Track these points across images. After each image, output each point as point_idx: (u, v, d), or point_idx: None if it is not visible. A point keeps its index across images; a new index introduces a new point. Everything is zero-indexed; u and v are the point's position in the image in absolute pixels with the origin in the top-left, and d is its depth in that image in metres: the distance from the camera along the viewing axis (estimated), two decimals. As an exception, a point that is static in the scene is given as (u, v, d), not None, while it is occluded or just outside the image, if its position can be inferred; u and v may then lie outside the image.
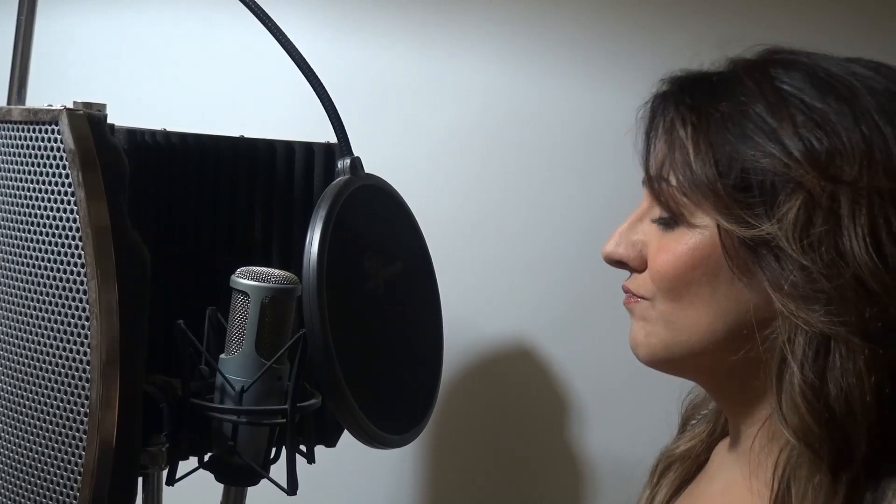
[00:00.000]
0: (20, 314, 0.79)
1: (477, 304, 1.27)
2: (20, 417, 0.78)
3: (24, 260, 0.78)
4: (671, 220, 0.66)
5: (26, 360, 0.78)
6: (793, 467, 0.62)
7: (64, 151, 0.75)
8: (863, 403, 0.58)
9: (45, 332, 0.77)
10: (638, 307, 0.70)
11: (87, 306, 0.74)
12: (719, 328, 0.64)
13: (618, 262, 0.71)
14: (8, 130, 0.79)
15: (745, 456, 0.69)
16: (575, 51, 1.24)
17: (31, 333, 0.78)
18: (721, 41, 0.70)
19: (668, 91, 0.69)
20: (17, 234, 0.79)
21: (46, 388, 0.77)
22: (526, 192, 1.26)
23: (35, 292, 0.77)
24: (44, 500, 0.76)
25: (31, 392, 0.78)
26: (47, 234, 0.76)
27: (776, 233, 0.60)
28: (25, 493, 0.77)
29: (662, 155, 0.67)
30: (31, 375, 0.78)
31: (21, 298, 0.78)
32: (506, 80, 1.26)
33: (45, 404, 0.77)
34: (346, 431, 0.89)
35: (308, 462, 0.93)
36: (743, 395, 0.67)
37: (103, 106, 0.78)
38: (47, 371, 0.76)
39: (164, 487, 0.88)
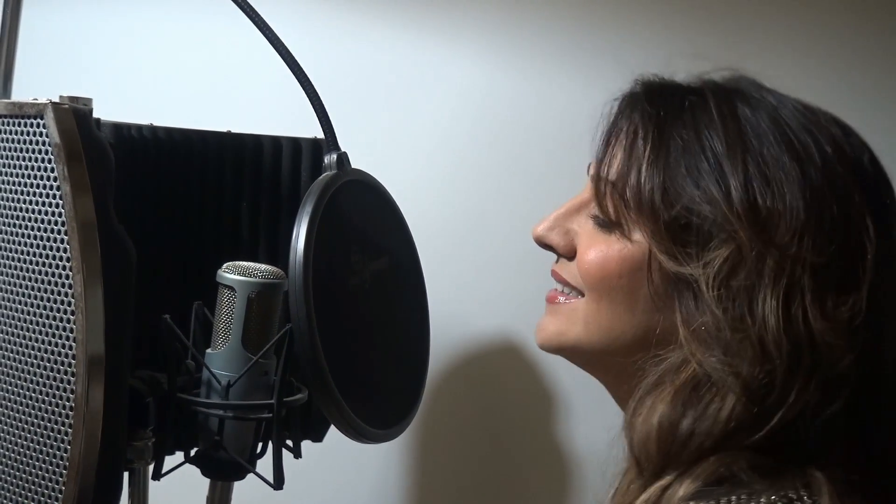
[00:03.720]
0: (5, 308, 0.78)
1: (464, 299, 1.27)
2: (5, 412, 0.78)
3: (10, 254, 0.78)
4: (609, 224, 0.68)
5: (11, 355, 0.78)
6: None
7: (49, 145, 0.75)
8: (702, 444, 0.60)
9: (30, 326, 0.76)
10: (563, 307, 0.71)
11: (72, 300, 0.74)
12: (629, 337, 0.67)
13: (546, 246, 0.73)
14: (-7, 124, 0.79)
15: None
16: (569, 48, 1.24)
17: (16, 328, 0.78)
18: (697, 53, 0.70)
19: (639, 96, 0.70)
20: (2, 228, 0.78)
21: (32, 382, 0.76)
22: (513, 188, 1.26)
23: (20, 287, 0.77)
24: (29, 494, 0.76)
25: (16, 386, 0.78)
26: (33, 229, 0.76)
27: (699, 276, 0.61)
28: (11, 488, 0.77)
29: (619, 161, 0.68)
30: (17, 370, 0.77)
31: (6, 293, 0.78)
32: (498, 76, 1.26)
33: (31, 399, 0.76)
34: (332, 426, 0.90)
35: (294, 457, 0.93)
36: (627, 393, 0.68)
37: (89, 100, 0.78)
38: (33, 366, 0.76)
39: (150, 482, 0.88)
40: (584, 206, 0.71)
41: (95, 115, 0.79)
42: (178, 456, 0.88)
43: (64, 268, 0.74)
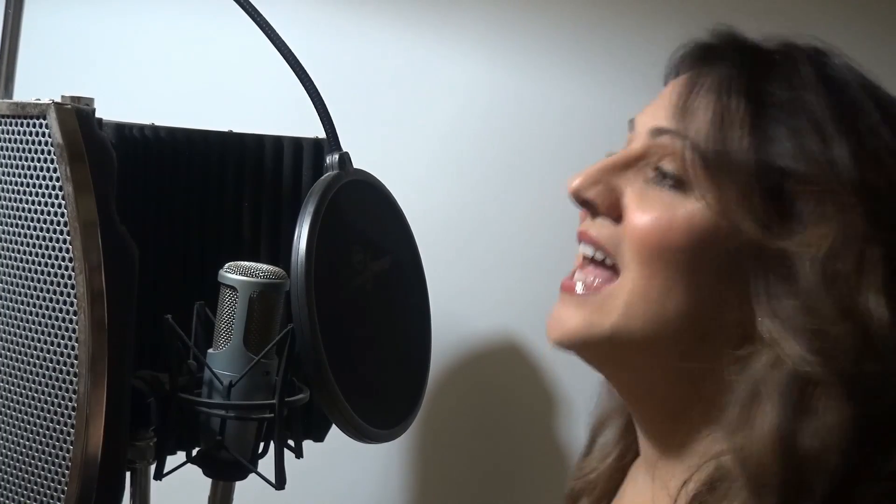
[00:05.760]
0: (7, 309, 0.78)
1: (466, 299, 1.27)
2: (7, 411, 0.78)
3: (12, 254, 0.78)
4: (675, 184, 0.58)
5: (14, 355, 0.78)
6: None
7: (52, 146, 0.75)
8: (836, 458, 0.50)
9: (32, 326, 0.77)
10: (592, 298, 0.60)
11: (74, 301, 0.74)
12: (684, 322, 0.56)
13: (584, 202, 0.62)
14: (-5, 124, 0.79)
15: (663, 493, 0.60)
16: (572, 46, 1.24)
17: (18, 328, 0.78)
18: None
19: (719, 49, 0.61)
20: (5, 228, 0.78)
21: (34, 382, 0.76)
22: (516, 189, 1.26)
23: (22, 287, 0.77)
24: (32, 494, 0.76)
25: (18, 386, 0.78)
26: (35, 229, 0.76)
27: (798, 252, 0.53)
28: (13, 488, 0.77)
29: (700, 116, 0.58)
30: (19, 370, 0.77)
31: (8, 293, 0.78)
32: (499, 75, 1.26)
33: (33, 399, 0.76)
34: (334, 426, 0.90)
35: (296, 456, 0.93)
36: (675, 423, 0.59)
37: (91, 100, 0.78)
38: (35, 366, 0.76)
39: (152, 482, 0.88)
40: (635, 163, 0.61)
41: (97, 115, 0.79)
42: (180, 456, 0.88)
43: (66, 268, 0.74)
